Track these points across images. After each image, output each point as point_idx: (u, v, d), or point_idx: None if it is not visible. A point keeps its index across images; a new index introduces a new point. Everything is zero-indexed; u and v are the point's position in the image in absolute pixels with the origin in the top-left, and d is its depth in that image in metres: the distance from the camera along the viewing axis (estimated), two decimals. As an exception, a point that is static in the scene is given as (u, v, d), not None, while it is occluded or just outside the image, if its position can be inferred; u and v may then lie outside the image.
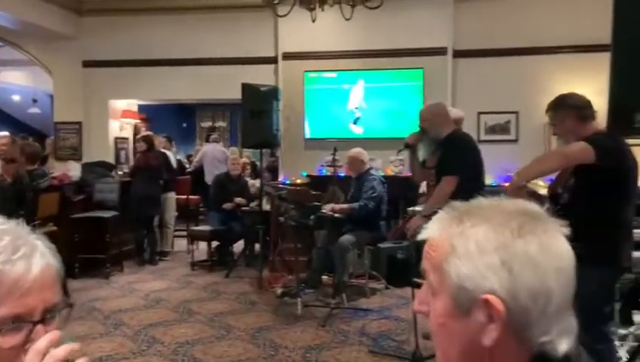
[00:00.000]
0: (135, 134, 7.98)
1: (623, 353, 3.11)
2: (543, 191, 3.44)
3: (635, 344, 2.64)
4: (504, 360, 0.73)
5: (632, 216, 2.44)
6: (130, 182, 6.45)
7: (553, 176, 5.78)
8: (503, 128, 6.61)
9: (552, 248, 0.74)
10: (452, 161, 3.51)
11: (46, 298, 0.81)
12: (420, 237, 0.80)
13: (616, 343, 2.86)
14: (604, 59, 2.34)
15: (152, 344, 3.90)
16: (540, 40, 6.36)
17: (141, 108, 8.54)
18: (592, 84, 5.77)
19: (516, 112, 6.55)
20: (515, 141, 6.58)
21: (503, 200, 0.80)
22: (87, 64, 7.42)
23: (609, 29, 2.31)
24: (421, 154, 3.64)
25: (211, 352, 3.75)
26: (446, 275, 0.74)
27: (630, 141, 2.49)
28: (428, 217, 3.11)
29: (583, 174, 2.53)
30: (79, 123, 7.52)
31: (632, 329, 3.56)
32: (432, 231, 0.78)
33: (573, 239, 0.78)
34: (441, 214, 0.80)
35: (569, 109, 2.60)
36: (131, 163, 7.21)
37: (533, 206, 0.79)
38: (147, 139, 6.59)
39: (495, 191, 5.66)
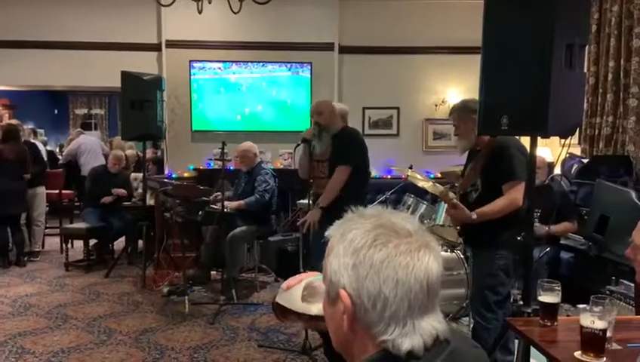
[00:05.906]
0: (-3, 122, 7.16)
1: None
2: (422, 184, 3.67)
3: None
4: (359, 347, 0.85)
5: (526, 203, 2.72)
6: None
7: (431, 171, 6.09)
8: (386, 123, 6.92)
9: (397, 262, 0.80)
10: (345, 153, 3.71)
11: None
12: (327, 233, 0.89)
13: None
14: (477, 60, 2.50)
15: (22, 355, 3.56)
16: (417, 40, 6.73)
17: (3, 93, 7.69)
18: (465, 83, 6.26)
19: (397, 108, 6.89)
20: (397, 135, 6.93)
21: (385, 212, 0.88)
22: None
23: (480, 34, 2.46)
24: (317, 148, 3.75)
25: (90, 360, 3.50)
26: (326, 268, 0.87)
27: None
28: (325, 209, 3.17)
29: (489, 174, 2.82)
30: None
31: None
32: (331, 231, 0.89)
33: (481, 227, 0.85)
34: (345, 216, 0.89)
35: (472, 113, 2.81)
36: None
37: (405, 222, 0.85)
38: (5, 129, 5.91)
39: (378, 183, 5.93)
